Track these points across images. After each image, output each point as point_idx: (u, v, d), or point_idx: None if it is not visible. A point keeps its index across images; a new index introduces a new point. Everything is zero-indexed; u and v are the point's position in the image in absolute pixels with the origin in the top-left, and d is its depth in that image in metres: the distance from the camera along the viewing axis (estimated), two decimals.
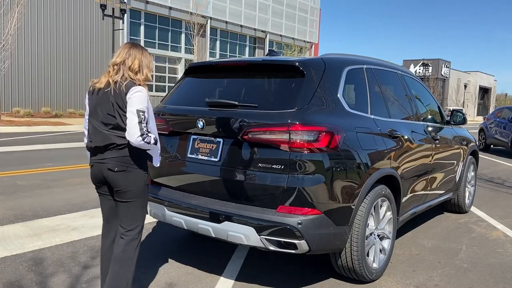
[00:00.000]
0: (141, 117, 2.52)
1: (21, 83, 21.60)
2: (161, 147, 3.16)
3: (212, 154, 3.22)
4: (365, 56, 4.15)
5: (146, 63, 2.72)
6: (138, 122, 2.49)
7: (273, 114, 3.00)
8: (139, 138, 2.50)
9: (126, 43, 2.80)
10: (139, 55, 2.70)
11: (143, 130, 2.51)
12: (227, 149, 3.15)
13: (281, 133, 2.89)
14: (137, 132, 2.49)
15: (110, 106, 2.58)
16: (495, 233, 4.98)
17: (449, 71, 60.49)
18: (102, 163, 2.63)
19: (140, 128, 2.49)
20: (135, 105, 2.53)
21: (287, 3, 37.19)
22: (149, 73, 2.74)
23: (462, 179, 5.48)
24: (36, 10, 21.87)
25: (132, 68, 2.65)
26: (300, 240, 2.84)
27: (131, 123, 2.50)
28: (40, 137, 13.37)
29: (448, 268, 3.83)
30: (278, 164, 2.90)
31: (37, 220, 4.71)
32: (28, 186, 6.31)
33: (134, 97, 2.55)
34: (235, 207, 3.04)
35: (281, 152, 2.89)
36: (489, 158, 12.79)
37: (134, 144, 2.53)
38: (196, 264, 3.66)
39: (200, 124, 3.25)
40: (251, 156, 3.01)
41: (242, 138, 3.03)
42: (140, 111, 2.52)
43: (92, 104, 2.67)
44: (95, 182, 2.77)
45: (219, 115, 3.22)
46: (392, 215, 3.64)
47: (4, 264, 3.50)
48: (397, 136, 3.73)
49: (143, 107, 2.54)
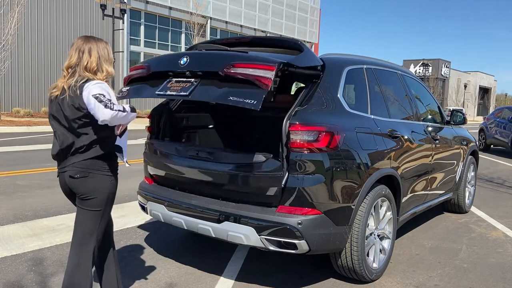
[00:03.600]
0: (100, 98, 2.22)
1: (21, 83, 21.60)
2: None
3: (183, 90, 2.97)
4: (365, 56, 4.16)
5: (104, 57, 2.42)
6: (98, 102, 2.21)
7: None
8: (107, 111, 2.21)
9: (78, 38, 2.45)
10: (95, 48, 2.39)
11: (105, 102, 2.21)
12: (203, 85, 2.94)
13: (265, 71, 2.73)
14: (100, 109, 2.21)
15: (69, 110, 2.33)
16: (495, 233, 4.98)
17: (449, 71, 60.49)
18: (64, 171, 2.41)
19: (101, 102, 2.21)
20: (93, 92, 2.25)
21: (287, 3, 37.19)
22: (109, 68, 2.43)
23: (462, 179, 5.48)
24: (36, 10, 21.87)
25: (89, 67, 2.37)
26: (300, 240, 2.84)
27: (93, 107, 2.22)
28: (40, 137, 13.36)
29: (448, 268, 3.83)
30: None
31: (37, 220, 4.70)
32: (28, 186, 6.31)
33: (90, 89, 2.26)
34: (235, 207, 3.05)
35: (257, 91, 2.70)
36: (489, 158, 12.79)
37: (108, 120, 2.24)
38: (196, 264, 3.65)
39: (183, 60, 3.03)
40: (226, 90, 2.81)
41: (222, 72, 2.82)
42: (99, 94, 2.23)
43: (52, 112, 2.42)
44: (64, 194, 2.54)
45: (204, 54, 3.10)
46: (392, 215, 3.64)
47: (4, 264, 3.50)
48: (397, 136, 3.73)
49: (101, 92, 2.26)
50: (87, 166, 2.38)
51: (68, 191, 2.48)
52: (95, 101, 2.22)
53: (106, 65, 2.42)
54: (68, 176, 2.40)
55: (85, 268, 2.44)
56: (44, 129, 15.78)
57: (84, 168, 2.38)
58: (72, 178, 2.39)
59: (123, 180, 2.80)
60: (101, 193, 2.42)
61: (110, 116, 2.23)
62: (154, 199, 3.48)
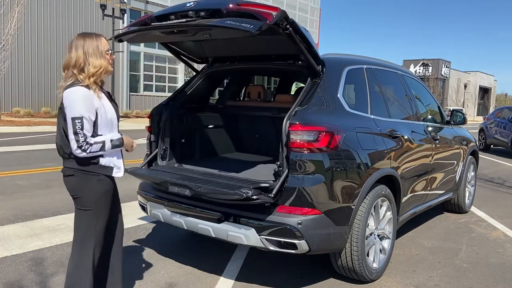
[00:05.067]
0: (76, 127, 2.21)
1: (21, 83, 21.58)
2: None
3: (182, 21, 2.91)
4: (365, 56, 4.16)
5: (93, 50, 2.31)
6: (73, 133, 2.22)
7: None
8: (78, 151, 2.24)
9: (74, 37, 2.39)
10: (82, 44, 2.31)
11: (80, 142, 2.22)
12: (203, 19, 2.87)
13: (268, 10, 2.67)
14: (73, 145, 2.24)
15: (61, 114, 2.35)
16: (495, 233, 4.98)
17: (449, 71, 60.45)
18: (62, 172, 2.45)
19: (76, 140, 2.22)
20: (68, 112, 2.23)
21: (287, 3, 37.16)
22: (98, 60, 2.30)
23: (462, 179, 5.48)
24: (36, 10, 21.85)
25: (77, 64, 2.29)
26: (300, 240, 2.84)
27: (68, 135, 2.25)
28: (40, 137, 13.36)
29: (448, 268, 3.83)
30: None
31: (37, 220, 4.70)
32: (28, 186, 6.31)
33: (66, 103, 2.25)
34: (235, 207, 3.04)
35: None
36: (489, 158, 12.79)
37: (77, 155, 2.28)
38: (196, 264, 3.65)
39: (189, 4, 2.94)
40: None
41: (225, 9, 2.75)
42: (75, 118, 2.21)
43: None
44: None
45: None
46: (392, 215, 3.64)
47: (4, 264, 3.50)
48: (397, 136, 3.73)
49: (77, 113, 2.22)
50: (72, 165, 2.37)
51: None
52: (71, 129, 2.23)
53: (94, 58, 2.30)
54: (63, 176, 2.45)
55: (85, 268, 2.43)
56: (44, 129, 15.77)
57: (69, 167, 2.38)
58: (63, 177, 2.44)
59: (123, 180, 2.80)
60: (86, 193, 2.38)
61: (81, 156, 2.27)
62: (154, 199, 3.48)
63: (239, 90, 5.11)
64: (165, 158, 3.82)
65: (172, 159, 3.88)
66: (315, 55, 3.19)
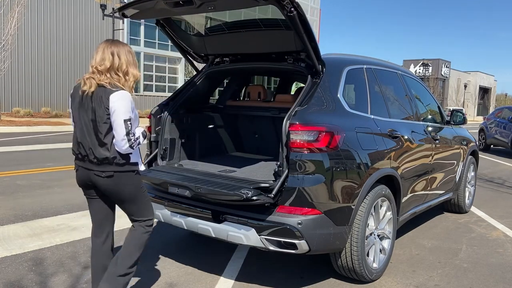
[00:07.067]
0: (128, 128, 2.42)
1: (21, 83, 21.59)
2: None
3: None
4: (365, 56, 4.16)
5: (130, 60, 2.54)
6: (126, 134, 2.42)
7: None
8: (129, 149, 2.47)
9: (105, 41, 2.58)
10: (123, 51, 2.51)
11: (132, 141, 2.44)
12: None
13: None
14: (125, 145, 2.43)
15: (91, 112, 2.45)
16: (495, 233, 4.98)
17: (449, 71, 60.46)
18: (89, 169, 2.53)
19: (128, 140, 2.43)
20: (121, 115, 2.41)
21: None
22: (135, 70, 2.56)
23: (462, 179, 5.48)
24: (36, 10, 21.85)
25: (121, 69, 2.50)
26: (300, 240, 2.84)
27: (119, 135, 2.42)
28: (40, 137, 13.37)
29: (448, 268, 3.83)
30: None
31: (37, 220, 4.71)
32: (28, 186, 6.31)
33: (116, 106, 2.40)
34: (235, 207, 3.04)
35: None
36: (489, 158, 12.79)
37: (124, 153, 2.48)
38: (196, 264, 3.66)
39: None
40: None
41: None
42: (127, 120, 2.42)
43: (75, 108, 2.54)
44: (81, 185, 2.67)
45: None
46: (392, 215, 3.64)
47: (4, 264, 3.50)
48: (397, 136, 3.73)
49: (128, 115, 2.43)
50: (107, 168, 2.53)
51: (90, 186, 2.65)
52: (124, 130, 2.41)
53: (133, 67, 2.55)
54: (93, 175, 2.56)
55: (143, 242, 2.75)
56: (44, 129, 15.79)
57: (103, 171, 2.54)
58: (99, 178, 2.56)
59: None
60: (128, 187, 2.61)
61: (127, 152, 2.48)
62: (154, 199, 3.48)
63: (239, 90, 5.10)
64: (165, 158, 3.82)
65: (172, 159, 3.88)
66: (316, 51, 3.18)
